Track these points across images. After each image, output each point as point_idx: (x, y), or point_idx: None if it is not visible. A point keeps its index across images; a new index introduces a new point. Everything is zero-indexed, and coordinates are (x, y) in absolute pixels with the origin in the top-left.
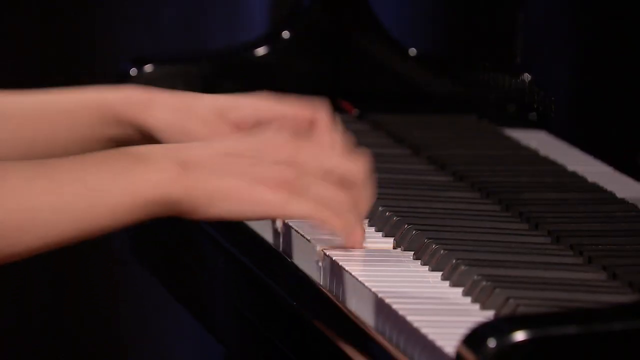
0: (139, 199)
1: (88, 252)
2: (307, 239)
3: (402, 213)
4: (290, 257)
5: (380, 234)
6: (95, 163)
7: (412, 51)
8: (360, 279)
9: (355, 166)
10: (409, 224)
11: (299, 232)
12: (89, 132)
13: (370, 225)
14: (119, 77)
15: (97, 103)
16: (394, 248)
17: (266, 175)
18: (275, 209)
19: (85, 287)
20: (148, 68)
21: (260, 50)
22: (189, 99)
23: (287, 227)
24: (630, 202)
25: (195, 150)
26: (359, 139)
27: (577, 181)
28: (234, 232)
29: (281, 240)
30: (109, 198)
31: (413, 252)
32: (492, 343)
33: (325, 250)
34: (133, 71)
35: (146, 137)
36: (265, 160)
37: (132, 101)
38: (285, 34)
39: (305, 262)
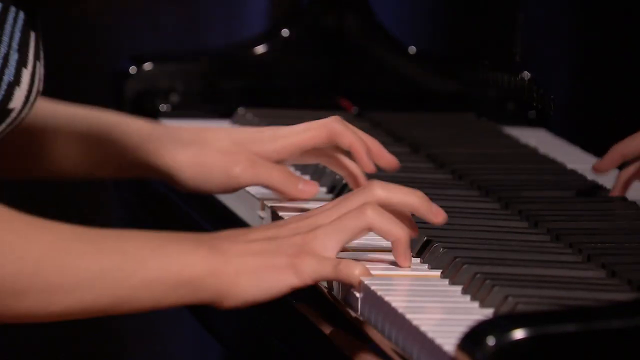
0: (172, 278)
1: None
2: None
3: None
4: None
5: None
6: (134, 236)
7: (412, 49)
8: (360, 277)
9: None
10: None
11: None
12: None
13: None
14: (119, 76)
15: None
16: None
17: (281, 244)
18: (293, 279)
19: None
20: (147, 66)
21: (260, 48)
22: (203, 133)
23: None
24: (629, 200)
25: (223, 239)
26: None
27: (576, 179)
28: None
29: None
30: (145, 271)
31: (412, 251)
32: (491, 341)
33: None
34: (132, 69)
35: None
36: (281, 236)
37: (145, 142)
38: (285, 32)
39: None
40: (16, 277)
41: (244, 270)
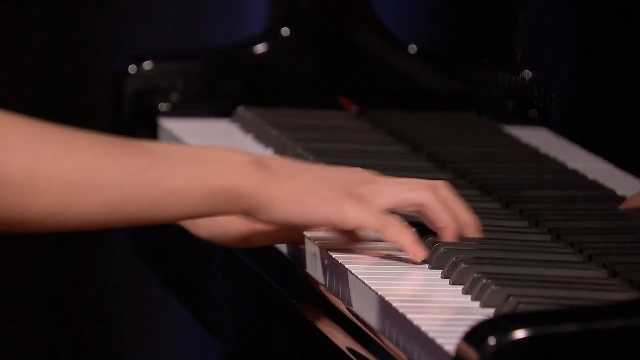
0: (206, 186)
1: (87, 250)
2: (308, 237)
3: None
4: (291, 256)
5: None
6: (166, 146)
7: (412, 48)
8: (360, 277)
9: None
10: (409, 222)
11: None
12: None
13: None
14: (118, 75)
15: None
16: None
17: (333, 184)
18: (335, 213)
19: (84, 285)
20: (147, 65)
21: (260, 47)
22: None
23: None
24: None
25: (269, 158)
26: (359, 136)
27: (577, 179)
28: None
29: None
30: (174, 179)
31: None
32: (492, 341)
33: (328, 250)
34: (132, 68)
35: None
36: (335, 177)
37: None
38: (285, 31)
39: (307, 260)
40: (33, 173)
41: (288, 190)
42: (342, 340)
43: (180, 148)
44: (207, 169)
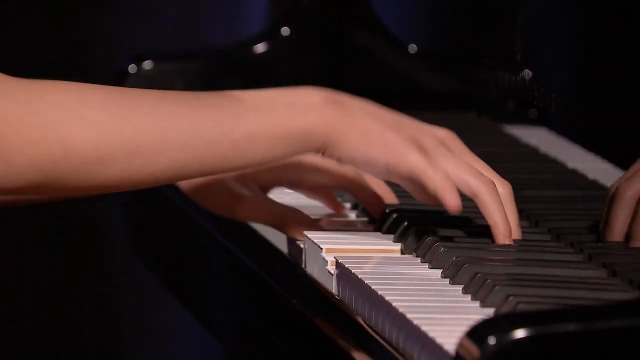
0: (279, 131)
1: (87, 250)
2: (308, 237)
3: (401, 211)
4: (292, 256)
5: (379, 231)
6: (234, 95)
7: (412, 48)
8: (360, 276)
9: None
10: (408, 222)
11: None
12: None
13: (368, 223)
14: (118, 75)
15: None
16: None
17: (404, 131)
18: (393, 155)
19: (84, 285)
20: (147, 65)
21: (260, 47)
22: None
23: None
24: None
25: (344, 95)
26: None
27: (577, 178)
28: (234, 229)
29: (287, 242)
30: (247, 125)
31: (413, 250)
32: (492, 340)
33: (328, 249)
34: (132, 68)
35: None
36: (408, 125)
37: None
38: (285, 31)
39: (306, 260)
40: (96, 144)
41: (357, 130)
42: (342, 340)
43: (248, 94)
44: (280, 113)
